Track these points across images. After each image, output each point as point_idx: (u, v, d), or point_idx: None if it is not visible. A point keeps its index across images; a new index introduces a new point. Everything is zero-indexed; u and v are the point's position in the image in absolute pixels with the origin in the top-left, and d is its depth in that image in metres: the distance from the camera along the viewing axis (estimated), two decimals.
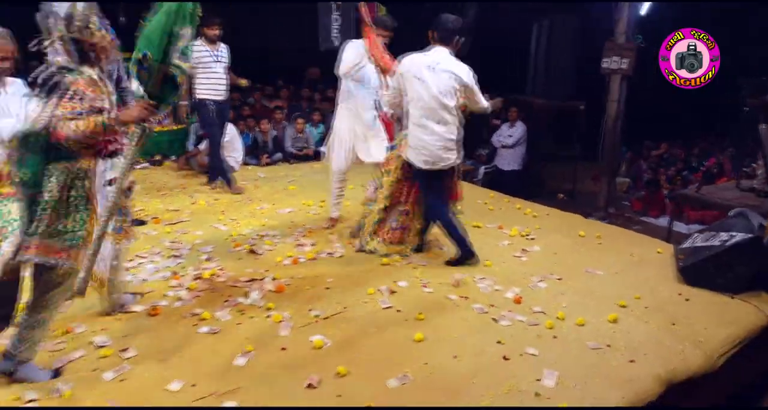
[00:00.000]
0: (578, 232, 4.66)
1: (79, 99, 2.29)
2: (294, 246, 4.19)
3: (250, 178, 6.38)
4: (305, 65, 9.52)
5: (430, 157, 3.64)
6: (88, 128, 2.24)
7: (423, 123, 3.59)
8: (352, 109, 4.36)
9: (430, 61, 3.54)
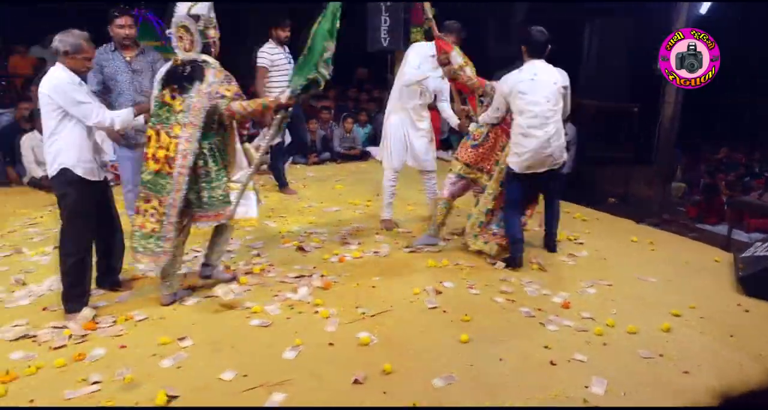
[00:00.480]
0: (630, 238, 4.55)
1: (231, 82, 3.03)
2: (341, 244, 4.25)
3: (299, 176, 6.50)
4: (353, 65, 9.61)
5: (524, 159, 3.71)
6: (253, 107, 3.03)
7: (531, 133, 3.66)
8: (407, 114, 4.40)
9: (530, 74, 3.70)
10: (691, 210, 7.88)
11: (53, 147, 2.96)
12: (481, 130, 4.08)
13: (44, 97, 2.90)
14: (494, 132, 4.05)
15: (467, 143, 4.12)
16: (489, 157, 4.08)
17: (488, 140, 4.06)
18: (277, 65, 5.35)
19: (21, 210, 4.94)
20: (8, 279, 3.52)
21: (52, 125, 2.94)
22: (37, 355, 2.68)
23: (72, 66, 2.94)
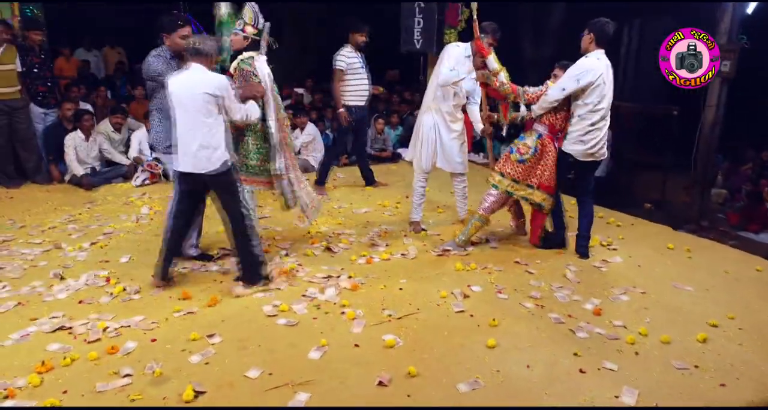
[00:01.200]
0: (666, 244, 4.42)
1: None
2: (369, 245, 4.25)
3: (329, 177, 6.52)
4: (384, 67, 9.62)
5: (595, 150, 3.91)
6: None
7: (600, 125, 3.86)
8: (440, 115, 4.39)
9: (606, 64, 3.79)
10: (732, 217, 7.60)
11: (215, 144, 3.20)
12: (528, 144, 4.00)
13: (204, 96, 3.12)
14: (541, 143, 3.99)
15: (512, 157, 4.03)
16: (536, 171, 4.01)
17: (536, 154, 3.99)
18: (353, 68, 5.55)
19: (62, 207, 5.11)
20: (47, 273, 3.64)
21: (208, 123, 3.17)
22: (72, 347, 2.76)
23: (212, 70, 3.24)
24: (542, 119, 3.99)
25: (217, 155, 3.21)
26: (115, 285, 3.44)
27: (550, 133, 4.00)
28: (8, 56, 5.61)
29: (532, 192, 4.03)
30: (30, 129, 5.89)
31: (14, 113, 5.69)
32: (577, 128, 3.87)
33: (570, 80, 3.77)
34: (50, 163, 6.04)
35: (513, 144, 4.09)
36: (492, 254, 4.15)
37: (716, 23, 6.52)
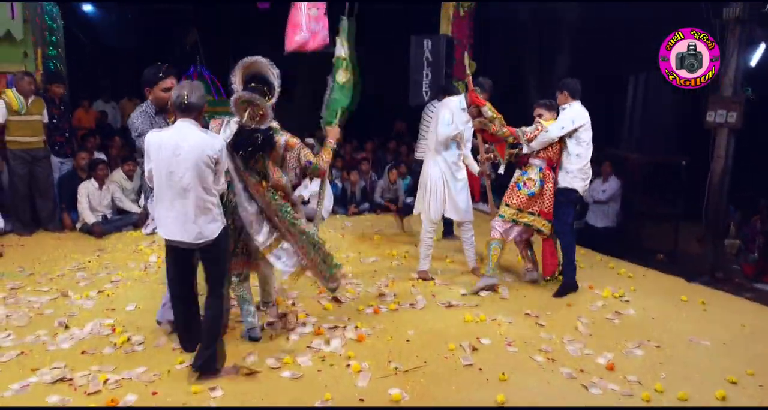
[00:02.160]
0: (679, 296, 4.33)
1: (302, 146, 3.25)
2: (376, 295, 4.21)
3: (338, 226, 6.56)
4: (392, 119, 9.81)
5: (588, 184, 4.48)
6: (328, 158, 3.38)
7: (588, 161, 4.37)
8: (447, 166, 4.50)
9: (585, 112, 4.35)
10: (747, 269, 7.46)
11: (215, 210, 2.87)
12: (533, 178, 4.33)
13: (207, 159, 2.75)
14: (543, 175, 4.33)
15: (521, 192, 4.35)
16: (538, 200, 4.34)
17: (542, 185, 4.32)
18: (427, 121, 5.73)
19: (72, 255, 5.13)
20: (53, 322, 3.61)
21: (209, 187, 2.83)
22: (72, 400, 2.71)
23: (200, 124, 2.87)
24: (539, 154, 4.36)
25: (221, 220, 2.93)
26: (120, 335, 3.41)
27: (548, 166, 4.37)
28: (37, 107, 5.81)
29: (534, 218, 4.35)
30: (50, 178, 6.00)
31: (36, 162, 5.83)
32: (578, 165, 4.30)
33: (567, 121, 4.25)
34: (63, 211, 6.11)
35: (517, 179, 4.42)
36: (502, 305, 4.09)
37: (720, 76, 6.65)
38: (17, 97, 5.63)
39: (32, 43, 7.14)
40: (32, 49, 7.17)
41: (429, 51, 7.11)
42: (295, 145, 3.21)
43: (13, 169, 5.74)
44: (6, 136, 5.66)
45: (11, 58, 6.95)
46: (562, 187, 4.34)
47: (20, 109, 5.62)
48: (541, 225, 4.35)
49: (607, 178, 7.78)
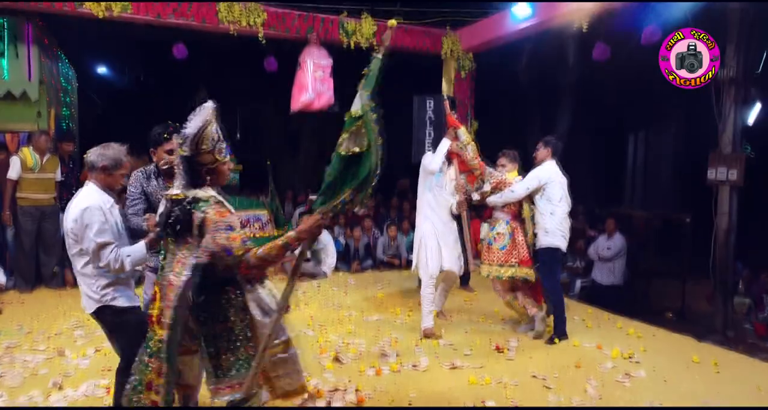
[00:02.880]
0: (691, 357, 4.20)
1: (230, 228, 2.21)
2: (379, 356, 4.10)
3: (341, 284, 6.49)
4: (395, 176, 9.94)
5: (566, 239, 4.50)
6: (272, 254, 2.22)
7: (566, 216, 4.49)
8: (439, 219, 4.57)
9: (558, 170, 4.53)
10: (759, 328, 7.29)
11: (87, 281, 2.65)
12: (501, 232, 4.53)
13: (69, 223, 2.59)
14: (511, 227, 4.54)
15: (493, 247, 4.54)
16: (513, 251, 4.50)
17: (512, 237, 4.51)
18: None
19: (72, 312, 5.05)
20: (47, 382, 3.52)
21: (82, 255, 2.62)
22: None
23: (107, 183, 2.69)
24: (503, 208, 4.58)
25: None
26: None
27: (513, 218, 4.59)
28: (51, 165, 5.92)
29: (516, 269, 4.50)
30: (57, 234, 6.02)
31: (45, 218, 5.88)
32: (554, 223, 4.42)
33: (533, 180, 4.43)
34: (65, 268, 6.10)
35: (487, 237, 4.66)
36: (507, 366, 3.97)
37: (719, 134, 6.75)
38: (33, 154, 5.76)
39: (46, 103, 7.36)
40: (46, 109, 7.38)
41: (431, 110, 7.26)
42: (211, 224, 2.19)
43: (21, 224, 5.78)
44: (18, 193, 5.74)
45: (25, 118, 7.15)
46: (544, 247, 4.43)
47: (34, 167, 5.73)
48: (524, 273, 4.50)
49: (611, 234, 7.75)
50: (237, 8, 6.39)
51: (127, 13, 6.03)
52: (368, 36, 7.07)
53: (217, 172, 2.36)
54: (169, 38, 7.31)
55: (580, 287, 7.62)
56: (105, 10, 5.91)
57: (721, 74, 6.54)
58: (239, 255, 2.18)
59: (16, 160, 5.71)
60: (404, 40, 7.40)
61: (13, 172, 5.68)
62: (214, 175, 2.36)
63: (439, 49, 7.61)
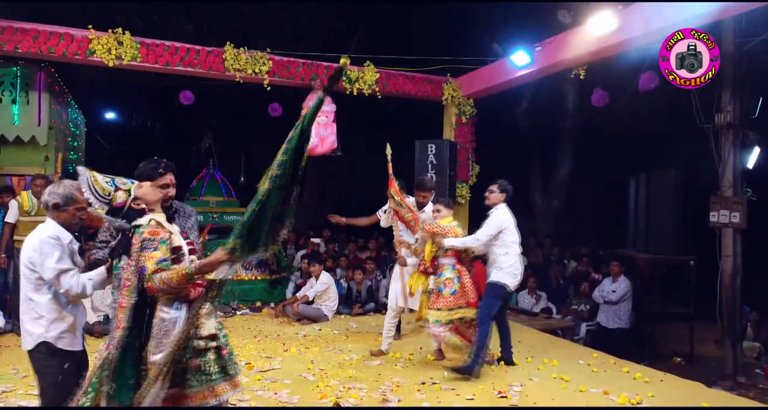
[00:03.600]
0: (700, 403, 4.09)
1: (153, 248, 2.45)
2: (380, 401, 4.01)
3: (342, 327, 6.41)
4: None
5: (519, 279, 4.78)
6: (171, 281, 2.36)
7: (519, 257, 4.75)
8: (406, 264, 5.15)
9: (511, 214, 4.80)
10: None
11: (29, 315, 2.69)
12: (450, 277, 4.64)
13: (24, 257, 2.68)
14: (458, 271, 4.68)
15: (444, 293, 4.61)
16: (463, 296, 4.61)
17: (460, 281, 4.63)
18: None
19: None
20: None
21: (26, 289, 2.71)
22: None
23: (63, 220, 2.75)
24: (447, 253, 4.71)
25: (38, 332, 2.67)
26: None
27: (458, 261, 4.73)
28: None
29: (465, 310, 4.60)
30: None
31: None
32: (508, 261, 4.66)
33: (493, 227, 4.66)
34: None
35: (437, 284, 4.68)
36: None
37: (719, 177, 6.80)
38: (30, 198, 5.80)
39: (54, 147, 7.52)
40: (54, 154, 7.53)
41: (433, 154, 7.38)
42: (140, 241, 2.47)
43: (18, 267, 5.77)
44: (15, 236, 5.76)
45: (33, 162, 7.29)
46: (493, 281, 4.67)
47: (31, 210, 5.76)
48: (473, 314, 4.62)
49: (616, 277, 7.70)
50: (243, 57, 6.59)
51: (136, 61, 6.22)
52: (371, 83, 7.25)
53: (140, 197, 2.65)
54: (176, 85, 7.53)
55: (586, 331, 7.51)
56: (115, 58, 6.10)
57: (718, 119, 6.68)
58: (149, 274, 2.39)
59: (14, 204, 5.76)
60: (406, 87, 7.58)
61: (10, 216, 5.72)
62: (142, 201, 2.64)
63: (440, 96, 7.79)
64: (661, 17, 4.98)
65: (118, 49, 6.10)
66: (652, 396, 4.24)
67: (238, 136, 12.18)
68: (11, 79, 7.14)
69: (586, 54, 5.79)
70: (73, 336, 2.74)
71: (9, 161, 7.24)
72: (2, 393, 4.05)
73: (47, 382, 2.69)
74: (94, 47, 6.03)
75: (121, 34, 6.12)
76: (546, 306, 7.96)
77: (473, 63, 7.56)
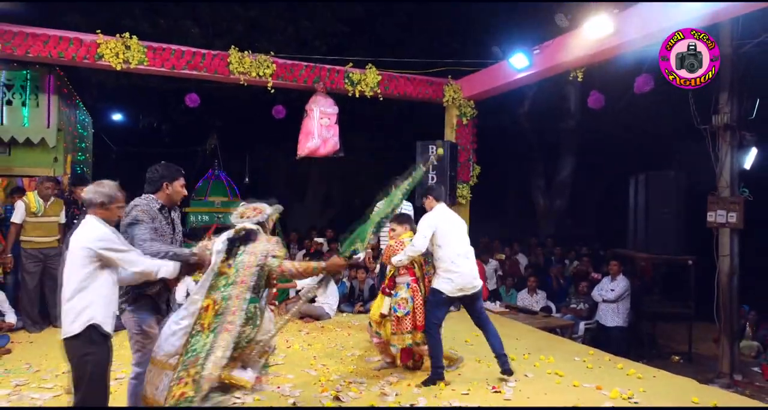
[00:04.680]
0: (691, 398, 4.20)
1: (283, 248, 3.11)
2: (378, 395, 4.14)
3: (344, 325, 6.55)
4: None
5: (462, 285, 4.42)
6: (303, 268, 3.10)
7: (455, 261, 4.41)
8: None
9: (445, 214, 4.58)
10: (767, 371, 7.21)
11: (80, 302, 2.85)
12: (404, 297, 4.47)
13: (82, 250, 2.85)
14: (412, 290, 4.50)
15: (399, 315, 4.45)
16: (412, 319, 4.46)
17: (414, 302, 4.47)
18: None
19: None
20: None
21: (80, 278, 2.86)
22: None
23: (106, 217, 2.98)
24: (400, 270, 4.54)
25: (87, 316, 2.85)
26: None
27: (413, 278, 4.54)
28: (54, 209, 6.10)
29: (411, 336, 4.45)
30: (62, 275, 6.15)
31: (48, 259, 6.01)
32: (442, 266, 4.42)
33: (427, 228, 4.41)
34: None
35: (392, 303, 4.49)
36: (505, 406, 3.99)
37: (717, 178, 6.89)
38: (36, 199, 5.91)
39: (63, 149, 7.69)
40: (62, 155, 7.70)
41: (433, 155, 7.50)
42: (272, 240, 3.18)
43: (24, 266, 5.90)
44: (22, 236, 5.89)
45: (42, 163, 7.47)
46: (432, 287, 4.48)
47: (37, 211, 5.89)
48: (420, 338, 4.46)
49: (615, 277, 7.80)
50: (247, 60, 6.74)
51: (144, 65, 6.37)
52: (372, 85, 7.38)
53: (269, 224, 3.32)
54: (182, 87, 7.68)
55: (585, 329, 7.61)
56: (123, 62, 6.26)
57: (715, 120, 6.78)
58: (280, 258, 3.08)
59: (21, 205, 5.87)
60: (408, 89, 7.71)
61: (16, 216, 5.81)
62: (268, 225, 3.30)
63: (442, 97, 7.90)
64: (657, 21, 5.06)
65: (126, 53, 6.25)
66: (644, 391, 4.35)
67: (243, 137, 12.34)
68: (22, 82, 7.32)
69: (583, 57, 5.89)
70: (113, 321, 2.96)
71: (19, 162, 7.43)
72: (16, 386, 4.21)
73: (83, 371, 2.86)
74: (103, 51, 6.19)
75: (129, 39, 6.27)
76: (546, 304, 8.07)
77: (474, 65, 7.68)
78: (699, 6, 4.72)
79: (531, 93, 11.07)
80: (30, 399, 3.95)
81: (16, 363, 4.79)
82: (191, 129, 11.74)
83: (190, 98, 7.26)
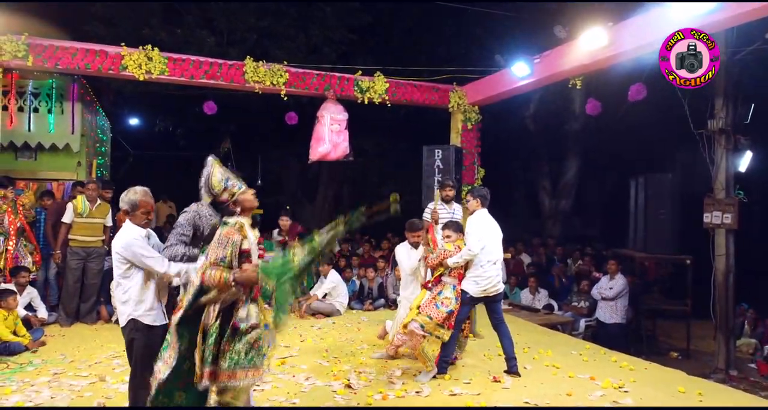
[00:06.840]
0: (677, 388, 4.49)
1: (223, 246, 2.91)
2: (386, 383, 4.48)
3: (354, 321, 6.89)
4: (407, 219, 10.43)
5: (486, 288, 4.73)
6: (213, 279, 2.86)
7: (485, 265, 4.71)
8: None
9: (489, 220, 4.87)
10: (762, 367, 7.46)
11: (121, 297, 3.24)
12: (449, 297, 4.66)
13: (115, 254, 3.21)
14: (458, 292, 4.71)
15: (440, 310, 4.60)
16: (453, 318, 4.64)
17: (457, 302, 4.67)
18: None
19: (108, 344, 5.51)
20: (92, 403, 3.96)
21: (118, 277, 3.23)
22: None
23: (135, 222, 3.27)
24: (451, 273, 4.73)
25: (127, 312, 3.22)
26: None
27: (459, 281, 4.77)
28: (100, 211, 6.49)
29: (443, 332, 4.63)
30: (99, 275, 6.52)
31: (89, 257, 6.42)
32: (474, 271, 4.70)
33: (480, 232, 4.69)
34: (100, 304, 6.59)
35: (434, 299, 4.68)
36: (503, 394, 4.30)
37: (712, 180, 7.16)
38: (83, 202, 6.36)
39: (86, 153, 8.10)
40: (86, 160, 8.11)
41: (439, 159, 7.81)
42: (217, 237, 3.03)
43: (68, 263, 6.34)
44: (69, 235, 6.34)
45: (67, 168, 7.89)
46: (461, 288, 4.74)
47: (83, 212, 6.33)
48: (446, 335, 4.64)
49: (613, 275, 8.07)
50: (262, 70, 7.09)
51: (164, 75, 6.74)
52: (381, 92, 7.70)
53: (239, 202, 3.10)
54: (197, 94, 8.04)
55: (585, 326, 7.89)
56: (145, 73, 6.63)
57: (711, 125, 7.05)
58: (205, 264, 2.91)
59: (70, 207, 6.33)
60: (415, 96, 8.02)
61: (66, 217, 6.30)
62: (239, 205, 3.10)
63: (447, 103, 8.21)
64: (648, 33, 5.34)
65: (148, 64, 6.62)
66: (634, 381, 4.65)
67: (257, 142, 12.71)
68: (47, 91, 7.74)
69: (580, 66, 6.18)
70: (155, 314, 3.27)
71: (45, 167, 7.85)
72: (54, 374, 4.58)
73: (132, 353, 3.27)
74: (126, 63, 6.56)
75: (151, 50, 6.64)
76: (548, 302, 8.36)
77: (478, 73, 7.99)
78: (687, 20, 4.98)
79: (537, 96, 11.35)
80: (69, 385, 4.32)
81: (52, 354, 5.17)
82: (206, 133, 12.12)
83: (208, 106, 7.62)
